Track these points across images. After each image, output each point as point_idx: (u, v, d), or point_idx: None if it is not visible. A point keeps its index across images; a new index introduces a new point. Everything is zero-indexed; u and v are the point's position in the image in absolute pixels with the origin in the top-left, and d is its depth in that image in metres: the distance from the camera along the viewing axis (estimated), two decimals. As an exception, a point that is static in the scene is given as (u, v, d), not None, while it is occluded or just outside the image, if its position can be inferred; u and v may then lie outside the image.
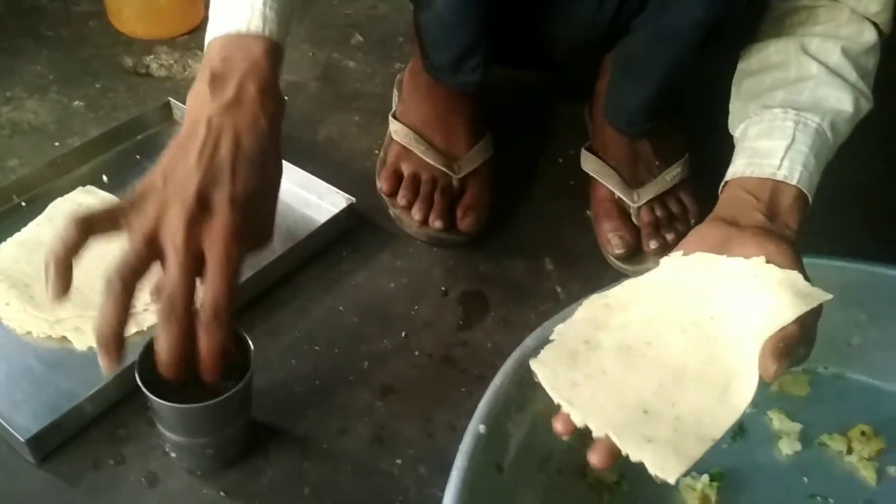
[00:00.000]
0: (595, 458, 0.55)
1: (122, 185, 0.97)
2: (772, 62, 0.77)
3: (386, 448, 0.77)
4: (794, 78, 0.75)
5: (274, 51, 0.68)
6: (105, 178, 0.98)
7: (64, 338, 0.81)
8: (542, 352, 0.59)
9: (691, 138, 1.03)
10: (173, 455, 0.73)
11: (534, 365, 0.58)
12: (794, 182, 0.68)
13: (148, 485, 0.73)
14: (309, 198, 0.98)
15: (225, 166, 0.62)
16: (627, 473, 0.73)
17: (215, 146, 0.63)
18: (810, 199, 0.69)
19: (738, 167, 0.71)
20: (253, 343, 0.71)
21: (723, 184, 0.72)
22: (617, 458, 0.54)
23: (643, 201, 0.95)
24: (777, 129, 0.71)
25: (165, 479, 0.73)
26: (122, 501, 0.71)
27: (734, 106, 0.80)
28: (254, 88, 0.66)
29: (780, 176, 0.68)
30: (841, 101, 0.73)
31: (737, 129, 0.77)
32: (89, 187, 0.96)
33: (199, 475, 0.73)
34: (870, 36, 0.76)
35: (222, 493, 0.72)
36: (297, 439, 0.77)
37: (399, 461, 0.76)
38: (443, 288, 0.91)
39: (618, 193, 0.96)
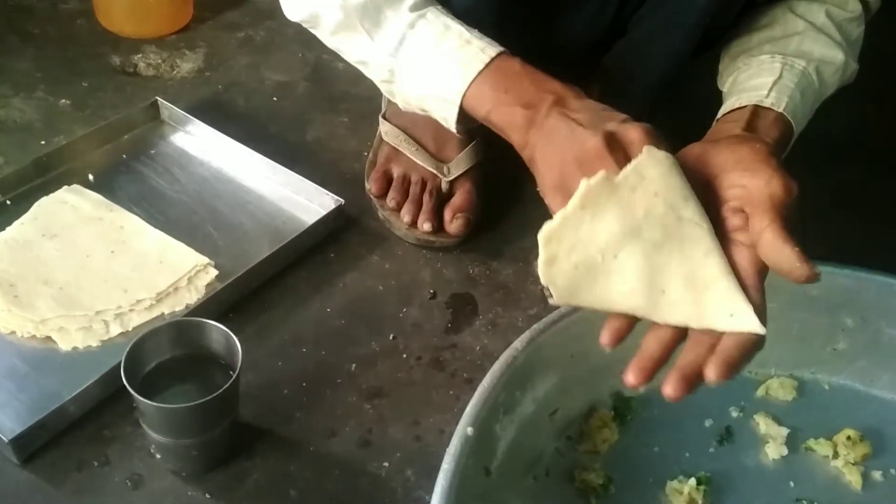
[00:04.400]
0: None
1: (108, 185, 0.97)
2: (759, 24, 0.80)
3: (373, 451, 0.76)
4: (780, 35, 0.77)
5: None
6: (91, 177, 0.97)
7: (48, 338, 0.80)
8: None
9: (680, 144, 1.03)
10: (158, 456, 0.73)
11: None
12: (780, 109, 0.70)
13: (132, 486, 0.72)
14: (297, 199, 0.97)
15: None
16: (615, 477, 0.73)
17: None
18: (795, 130, 0.71)
19: (727, 105, 0.73)
20: (240, 344, 0.70)
21: (718, 118, 0.74)
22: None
23: (631, 205, 0.96)
24: (765, 70, 0.74)
25: (150, 480, 0.72)
26: (106, 503, 0.71)
27: (722, 64, 0.82)
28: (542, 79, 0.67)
29: (766, 103, 0.70)
30: (827, 53, 0.76)
31: (725, 83, 0.79)
32: (75, 186, 0.95)
33: (185, 476, 0.73)
34: (854, 6, 0.79)
35: (207, 495, 0.72)
36: (283, 441, 0.76)
37: (386, 464, 0.75)
38: (431, 290, 0.91)
39: (606, 197, 0.96)
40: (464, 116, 0.71)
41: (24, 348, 0.80)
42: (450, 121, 0.71)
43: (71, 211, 0.92)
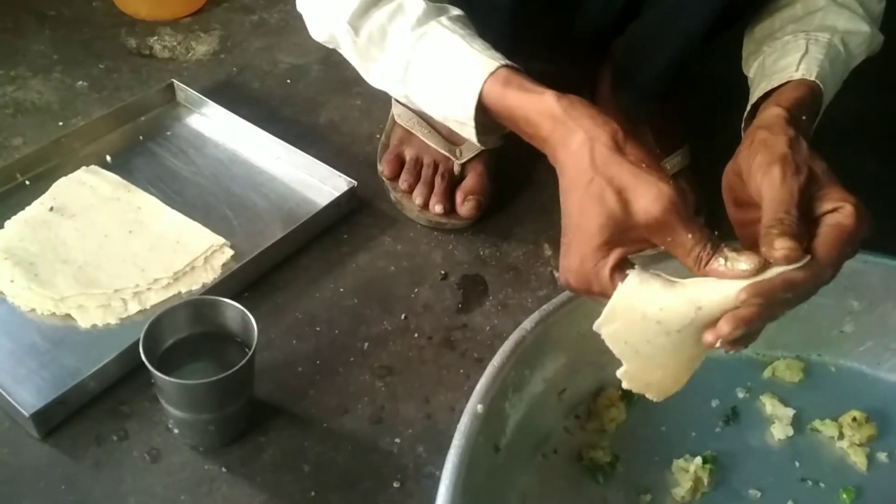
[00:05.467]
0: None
1: (125, 165, 0.98)
2: (780, 4, 0.79)
3: (385, 428, 0.78)
4: (801, 14, 0.77)
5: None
6: (109, 158, 0.99)
7: (68, 315, 0.82)
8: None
9: (691, 128, 1.04)
10: (176, 431, 0.74)
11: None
12: (811, 78, 0.69)
13: (151, 460, 0.74)
14: (310, 181, 0.98)
15: None
16: (622, 455, 0.74)
17: None
18: (825, 95, 0.71)
19: (759, 90, 0.72)
20: (256, 322, 0.72)
21: (748, 108, 0.74)
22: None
23: (642, 189, 0.96)
24: (790, 49, 0.73)
25: (168, 454, 0.74)
26: (125, 476, 0.73)
27: (747, 49, 0.82)
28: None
29: (796, 77, 0.70)
30: (851, 26, 0.75)
31: (751, 67, 0.79)
32: (93, 167, 0.97)
33: (202, 451, 0.74)
34: None
35: (224, 469, 0.73)
36: (297, 418, 0.78)
37: (398, 440, 0.77)
38: (442, 271, 0.92)
39: (617, 181, 0.97)
40: (485, 129, 0.70)
41: (44, 326, 0.82)
42: (473, 138, 0.71)
43: (89, 191, 0.94)
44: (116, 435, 0.75)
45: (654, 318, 0.57)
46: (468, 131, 0.70)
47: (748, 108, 0.74)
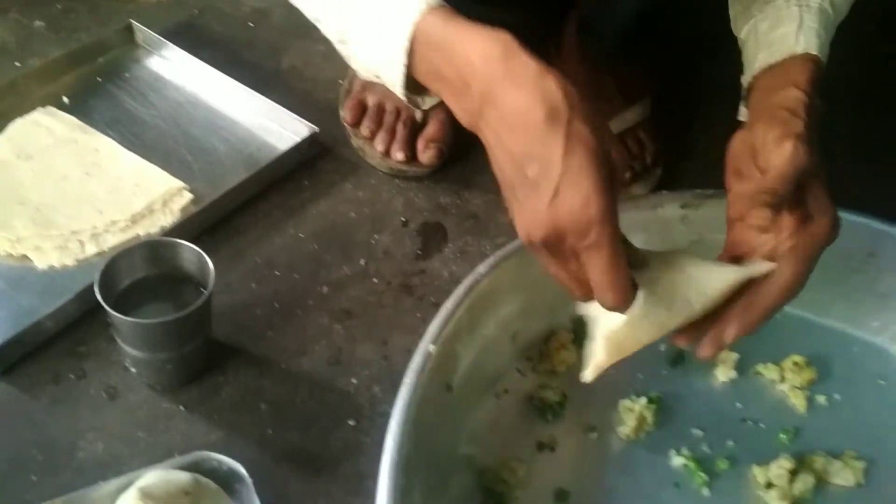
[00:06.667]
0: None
1: (82, 107, 0.97)
2: None
3: (342, 369, 0.79)
4: None
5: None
6: (66, 99, 0.98)
7: (24, 256, 0.82)
8: None
9: (654, 80, 1.04)
10: (133, 370, 0.75)
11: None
12: (814, 52, 0.71)
13: (108, 398, 0.75)
14: (271, 126, 0.98)
15: None
16: (571, 395, 0.76)
17: None
18: (823, 64, 0.73)
19: (761, 61, 0.73)
20: (214, 266, 0.72)
21: (748, 82, 0.74)
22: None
23: (601, 138, 0.97)
24: (784, 17, 0.74)
25: (125, 392, 0.75)
26: (82, 413, 0.73)
27: (734, 9, 0.82)
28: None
29: (798, 51, 0.71)
30: None
31: (742, 29, 0.79)
32: (50, 108, 0.96)
33: (159, 390, 0.75)
34: None
35: (181, 407, 0.75)
36: (255, 359, 0.79)
37: (354, 381, 0.78)
38: (402, 218, 0.93)
39: (577, 130, 0.98)
40: (414, 84, 0.62)
41: (0, 267, 0.81)
42: (397, 86, 0.61)
43: (46, 133, 0.93)
44: (74, 374, 0.76)
45: (658, 335, 0.63)
46: (394, 73, 0.60)
47: (749, 78, 0.74)
